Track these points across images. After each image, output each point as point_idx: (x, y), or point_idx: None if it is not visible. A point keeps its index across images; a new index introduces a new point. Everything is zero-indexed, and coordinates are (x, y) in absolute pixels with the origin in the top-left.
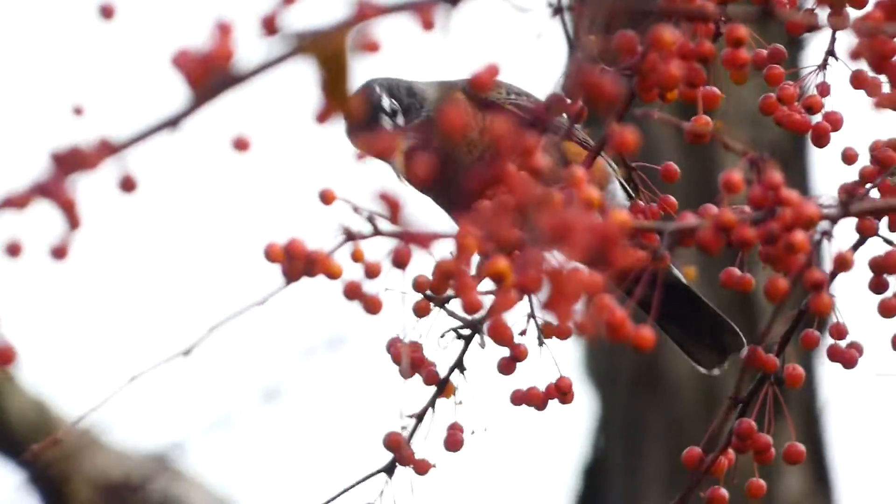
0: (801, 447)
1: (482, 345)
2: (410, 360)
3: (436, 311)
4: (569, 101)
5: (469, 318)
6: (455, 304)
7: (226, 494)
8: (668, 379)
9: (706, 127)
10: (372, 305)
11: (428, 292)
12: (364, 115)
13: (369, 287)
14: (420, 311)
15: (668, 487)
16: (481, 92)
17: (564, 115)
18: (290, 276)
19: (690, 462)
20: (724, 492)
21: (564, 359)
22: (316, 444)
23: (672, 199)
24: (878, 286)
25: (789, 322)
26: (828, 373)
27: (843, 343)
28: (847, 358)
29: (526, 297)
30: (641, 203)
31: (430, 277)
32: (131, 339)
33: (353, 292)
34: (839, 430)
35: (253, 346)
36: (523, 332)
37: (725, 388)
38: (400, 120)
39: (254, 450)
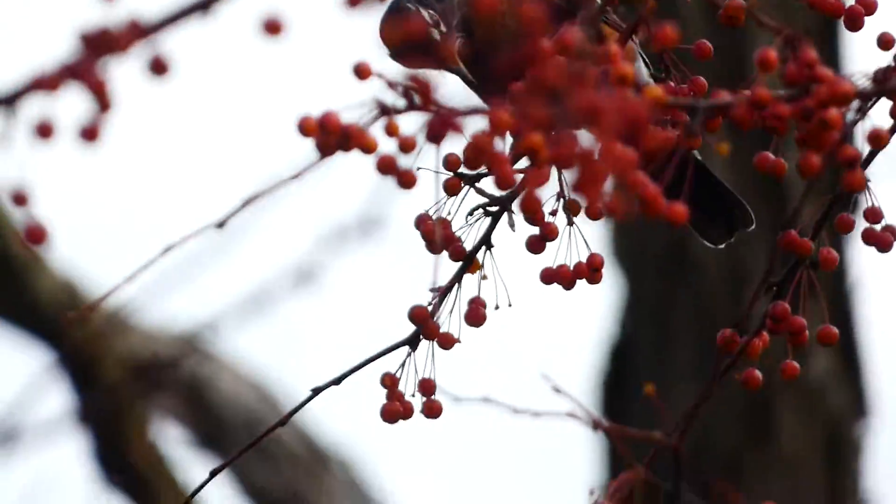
0: (834, 329)
1: (512, 225)
2: (442, 235)
3: (466, 189)
4: None
5: (498, 195)
6: (485, 182)
7: (257, 377)
8: (697, 259)
9: (740, 8)
10: (406, 180)
11: (459, 170)
12: (415, 38)
13: (404, 161)
14: (450, 188)
15: (698, 368)
16: None
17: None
18: (325, 149)
19: (723, 343)
20: (758, 373)
21: (594, 240)
22: (349, 328)
23: (703, 80)
24: None
25: (823, 206)
26: (857, 255)
27: (878, 226)
28: (883, 241)
29: (556, 177)
30: (672, 84)
31: (462, 154)
32: (168, 220)
33: (387, 166)
34: (869, 312)
35: (287, 226)
36: (554, 213)
37: (753, 269)
38: (443, 26)
39: (286, 333)
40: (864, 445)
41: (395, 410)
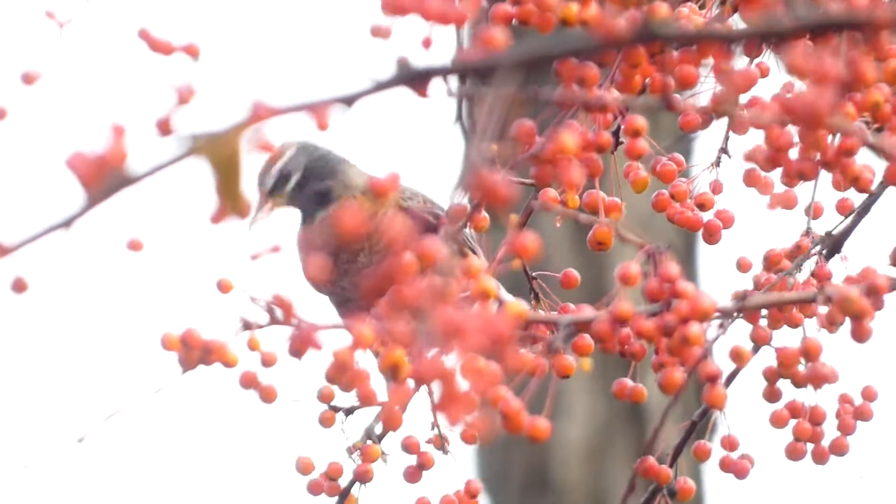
0: None
1: (384, 460)
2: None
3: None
4: (469, 208)
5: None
6: (360, 415)
7: None
8: (558, 482)
9: (608, 233)
10: (267, 395)
11: (333, 403)
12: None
13: (265, 376)
14: (325, 421)
15: None
16: (380, 198)
17: (466, 224)
18: (187, 364)
19: None
20: None
21: (460, 459)
22: None
23: (572, 306)
24: (771, 395)
25: (682, 432)
26: (715, 486)
27: (734, 455)
28: (739, 469)
29: (431, 408)
30: (542, 312)
31: (325, 374)
32: (29, 432)
33: (248, 381)
34: None
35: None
36: (430, 441)
37: (613, 491)
38: (286, 189)
39: None
40: None
41: None
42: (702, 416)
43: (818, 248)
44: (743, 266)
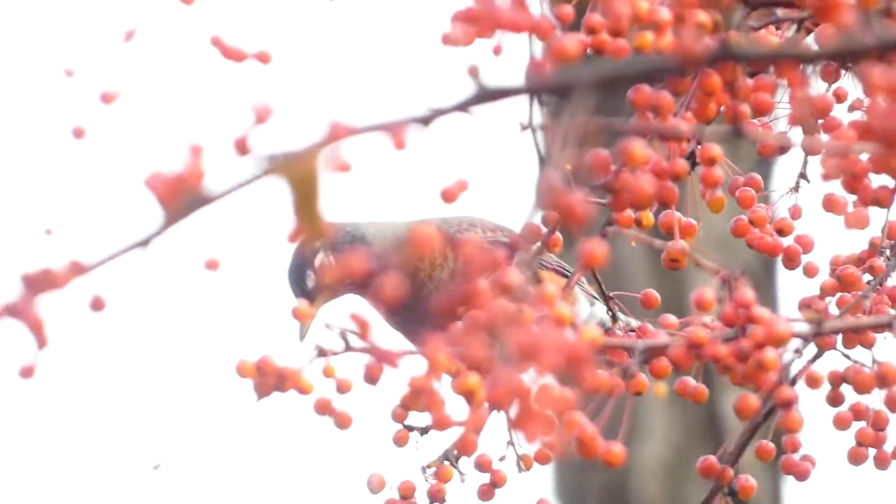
0: None
1: (462, 479)
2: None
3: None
4: (544, 229)
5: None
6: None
7: None
8: (636, 501)
9: (683, 252)
10: (342, 421)
11: (407, 423)
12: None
13: (340, 403)
14: (400, 441)
15: None
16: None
17: (539, 243)
18: (262, 391)
19: None
20: None
21: (537, 478)
22: None
23: (650, 327)
24: (834, 399)
25: (744, 434)
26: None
27: (796, 456)
28: (801, 470)
29: (506, 427)
30: (619, 332)
31: (400, 401)
32: (104, 458)
33: (323, 408)
34: None
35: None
36: (503, 458)
37: None
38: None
39: None
40: None
41: None
42: (765, 418)
43: (890, 261)
44: (810, 271)
